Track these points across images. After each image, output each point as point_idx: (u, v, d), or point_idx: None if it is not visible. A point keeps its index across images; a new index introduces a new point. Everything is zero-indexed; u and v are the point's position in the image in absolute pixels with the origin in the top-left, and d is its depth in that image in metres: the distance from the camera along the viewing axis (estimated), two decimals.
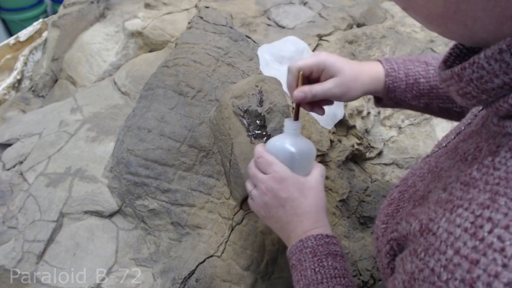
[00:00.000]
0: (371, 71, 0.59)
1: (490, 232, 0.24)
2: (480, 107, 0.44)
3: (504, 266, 0.22)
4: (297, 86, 0.56)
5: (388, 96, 0.60)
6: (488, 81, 0.28)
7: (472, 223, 0.25)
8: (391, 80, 0.58)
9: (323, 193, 0.55)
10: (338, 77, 0.55)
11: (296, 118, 0.56)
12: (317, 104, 0.60)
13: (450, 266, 0.25)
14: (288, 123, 0.56)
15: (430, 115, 0.64)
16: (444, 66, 0.35)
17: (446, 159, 0.38)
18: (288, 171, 0.53)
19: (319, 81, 0.57)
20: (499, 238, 0.23)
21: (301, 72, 0.55)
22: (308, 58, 0.56)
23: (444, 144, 0.44)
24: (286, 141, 0.55)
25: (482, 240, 0.24)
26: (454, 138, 0.42)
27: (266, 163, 0.54)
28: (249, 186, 0.57)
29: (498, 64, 0.26)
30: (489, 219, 0.24)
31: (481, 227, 0.24)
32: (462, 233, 0.25)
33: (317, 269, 0.48)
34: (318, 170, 0.56)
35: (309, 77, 0.57)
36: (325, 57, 0.55)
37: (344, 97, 0.57)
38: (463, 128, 0.42)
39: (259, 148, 0.56)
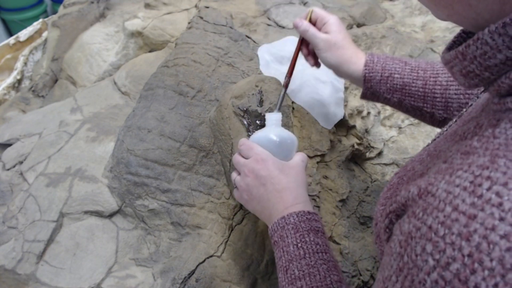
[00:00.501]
0: (355, 55, 0.65)
1: (488, 189, 0.24)
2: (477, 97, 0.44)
3: (501, 219, 0.22)
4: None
5: (365, 85, 0.65)
6: (491, 57, 0.28)
7: (471, 182, 0.25)
8: (367, 70, 0.64)
9: (303, 173, 0.57)
10: (329, 35, 0.64)
11: (296, 54, 0.67)
12: (312, 54, 0.70)
13: (448, 221, 0.25)
14: (269, 116, 0.61)
15: (406, 114, 0.69)
16: (447, 52, 0.36)
17: (445, 142, 0.39)
18: (268, 154, 0.56)
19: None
20: (497, 194, 0.23)
21: (310, 12, 0.67)
22: (321, 10, 0.68)
23: (445, 129, 0.45)
24: (268, 131, 0.59)
25: (480, 196, 0.24)
26: (455, 121, 0.43)
27: (247, 148, 0.57)
28: (234, 175, 0.59)
29: (501, 38, 0.27)
30: (488, 177, 0.24)
31: (480, 185, 0.25)
32: (461, 192, 0.25)
33: (299, 245, 0.49)
34: (299, 156, 0.59)
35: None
36: (334, 18, 0.66)
37: (322, 53, 0.65)
38: (464, 110, 0.43)
39: (242, 139, 0.59)
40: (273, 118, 0.60)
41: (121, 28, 1.07)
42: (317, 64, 0.70)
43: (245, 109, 0.68)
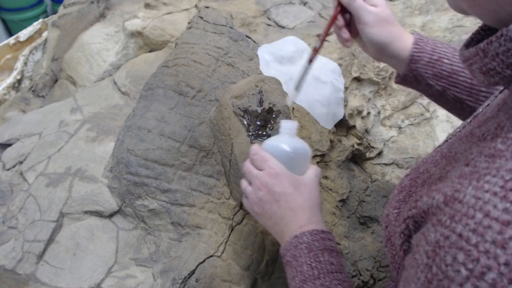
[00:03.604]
0: (403, 33, 0.60)
1: None
2: (494, 96, 0.43)
3: None
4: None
5: (410, 67, 0.59)
6: None
7: (501, 187, 0.24)
8: (417, 49, 0.58)
9: (317, 191, 0.55)
10: (378, 9, 0.57)
11: (330, 25, 0.60)
12: (347, 28, 0.61)
13: (480, 229, 0.24)
14: (284, 123, 0.57)
15: (442, 107, 0.63)
16: (466, 49, 0.35)
17: (460, 143, 0.38)
18: (283, 168, 0.54)
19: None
20: None
21: None
22: None
23: (459, 130, 0.43)
24: (282, 141, 0.56)
25: None
26: (470, 122, 0.41)
27: (261, 159, 0.54)
28: (244, 184, 0.57)
29: None
30: None
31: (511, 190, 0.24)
32: (491, 197, 0.24)
33: (313, 265, 0.47)
34: (313, 170, 0.57)
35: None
36: None
37: (369, 29, 0.58)
38: (481, 110, 0.42)
39: (255, 146, 0.57)
40: (288, 127, 0.56)
41: (121, 28, 1.07)
42: (350, 41, 0.62)
43: (245, 109, 0.68)
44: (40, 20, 1.30)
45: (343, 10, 0.59)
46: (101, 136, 0.78)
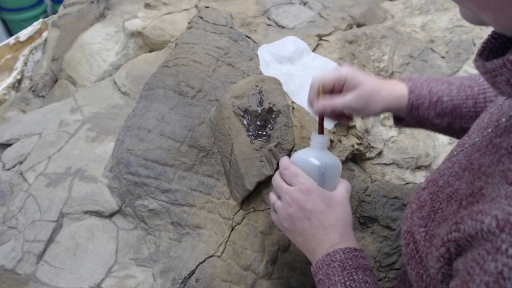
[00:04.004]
0: (393, 88, 0.59)
1: None
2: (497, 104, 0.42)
3: None
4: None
5: (411, 114, 0.59)
6: None
7: None
8: (414, 97, 0.58)
9: (349, 208, 0.54)
10: (358, 90, 0.56)
11: (321, 131, 0.57)
12: (342, 114, 0.61)
13: None
14: (314, 137, 0.56)
15: (451, 136, 0.63)
16: (480, 59, 0.34)
17: (481, 155, 0.37)
18: (314, 184, 0.53)
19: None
20: None
21: (321, 86, 0.57)
22: (329, 73, 0.57)
23: (477, 139, 0.42)
24: (312, 155, 0.55)
25: None
26: (491, 131, 0.40)
27: (292, 174, 0.53)
28: (273, 197, 0.56)
29: None
30: None
31: None
32: None
33: (347, 283, 0.46)
34: (344, 186, 0.56)
35: (332, 91, 0.58)
36: (347, 70, 0.57)
37: (364, 111, 0.57)
38: (503, 120, 0.41)
39: (285, 160, 0.56)
40: (319, 140, 0.56)
41: (121, 28, 1.07)
42: (351, 119, 0.64)
43: (245, 109, 0.68)
44: (40, 20, 1.30)
45: (329, 92, 0.58)
46: (101, 136, 0.78)
